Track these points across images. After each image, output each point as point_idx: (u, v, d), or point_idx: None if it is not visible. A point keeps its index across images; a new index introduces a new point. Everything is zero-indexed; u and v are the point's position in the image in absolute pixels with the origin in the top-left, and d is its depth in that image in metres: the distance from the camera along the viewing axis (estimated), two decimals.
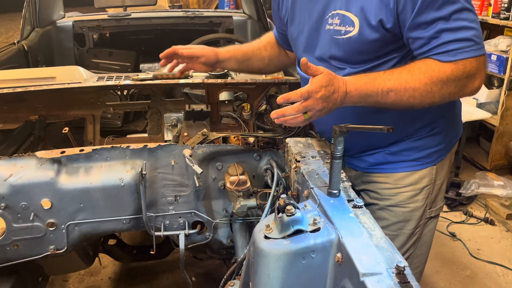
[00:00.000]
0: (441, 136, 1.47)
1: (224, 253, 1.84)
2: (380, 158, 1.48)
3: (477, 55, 1.20)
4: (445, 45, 1.19)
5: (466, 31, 1.18)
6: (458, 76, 1.20)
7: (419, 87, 1.21)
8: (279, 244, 1.02)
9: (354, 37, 1.29)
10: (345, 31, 1.30)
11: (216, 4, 7.57)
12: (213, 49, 1.69)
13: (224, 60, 1.71)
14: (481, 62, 1.22)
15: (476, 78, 1.23)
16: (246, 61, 1.75)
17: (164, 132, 2.07)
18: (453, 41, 1.18)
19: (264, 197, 1.56)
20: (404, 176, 1.48)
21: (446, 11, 1.17)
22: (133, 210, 1.58)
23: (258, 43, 1.81)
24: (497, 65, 3.47)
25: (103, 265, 2.73)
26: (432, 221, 1.56)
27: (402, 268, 0.89)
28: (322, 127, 1.56)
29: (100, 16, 3.72)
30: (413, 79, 1.21)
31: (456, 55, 1.19)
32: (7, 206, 1.49)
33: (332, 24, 1.34)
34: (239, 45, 1.81)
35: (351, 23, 1.28)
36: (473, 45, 1.19)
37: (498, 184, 3.46)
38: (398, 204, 1.50)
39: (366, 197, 1.57)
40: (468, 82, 1.23)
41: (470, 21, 1.19)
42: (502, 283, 2.68)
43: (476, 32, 1.20)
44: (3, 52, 2.86)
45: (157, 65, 3.92)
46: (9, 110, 1.96)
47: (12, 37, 9.13)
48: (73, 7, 4.74)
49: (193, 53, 1.67)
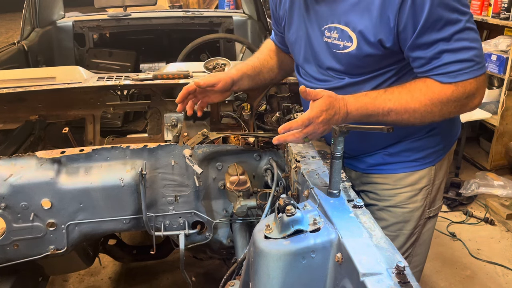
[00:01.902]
0: (440, 137, 1.47)
1: (224, 253, 1.84)
2: (379, 159, 1.48)
3: (477, 76, 1.20)
4: (446, 66, 1.19)
5: (467, 52, 1.18)
6: (459, 97, 1.21)
7: (419, 108, 1.22)
8: (279, 244, 1.02)
9: (352, 53, 1.28)
10: (343, 46, 1.30)
11: (216, 4, 7.58)
12: (225, 73, 1.61)
13: (238, 79, 1.61)
14: (481, 81, 1.22)
15: (476, 97, 1.24)
16: (257, 75, 1.68)
17: (164, 132, 2.07)
18: (454, 62, 1.19)
19: (264, 197, 1.56)
20: (403, 177, 1.48)
21: (448, 32, 1.16)
22: (133, 210, 1.58)
23: (262, 54, 1.74)
24: (497, 65, 3.47)
25: (103, 265, 2.73)
26: (431, 220, 1.57)
27: (402, 268, 0.89)
28: None
29: (100, 16, 3.72)
30: (413, 100, 1.22)
31: (457, 77, 1.19)
32: (7, 206, 1.49)
33: (330, 37, 1.33)
34: (245, 62, 1.72)
35: (349, 39, 1.28)
36: (473, 66, 1.19)
37: (498, 184, 3.45)
38: (397, 205, 1.50)
39: (365, 198, 1.57)
40: (468, 102, 1.24)
41: (471, 41, 1.19)
42: (502, 283, 2.68)
43: (477, 52, 1.20)
44: (3, 52, 2.86)
45: (157, 65, 3.92)
46: (9, 110, 1.96)
47: (12, 37, 9.13)
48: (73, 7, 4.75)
49: (209, 81, 1.53)
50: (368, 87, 1.33)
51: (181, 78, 1.92)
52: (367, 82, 1.34)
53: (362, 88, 1.33)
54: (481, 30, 4.06)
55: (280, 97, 1.97)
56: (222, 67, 2.01)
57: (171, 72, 1.96)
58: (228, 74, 1.58)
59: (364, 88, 1.33)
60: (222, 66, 2.01)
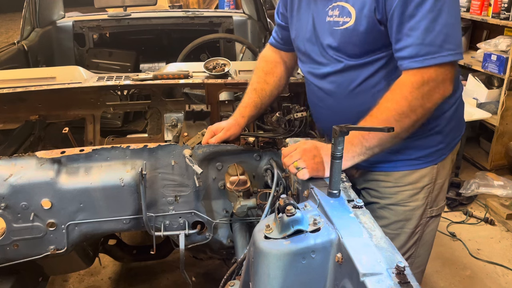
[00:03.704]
0: (442, 136, 1.48)
1: (224, 253, 1.84)
2: (381, 156, 1.48)
3: (439, 63, 1.23)
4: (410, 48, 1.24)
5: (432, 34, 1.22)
6: (418, 85, 1.24)
7: (397, 129, 1.23)
8: (279, 244, 1.02)
9: (350, 28, 1.33)
10: (342, 22, 1.35)
11: (216, 4, 7.58)
12: (234, 124, 1.63)
13: (246, 121, 1.67)
14: (445, 70, 1.25)
15: (440, 87, 1.26)
16: (260, 108, 1.70)
17: (164, 132, 2.08)
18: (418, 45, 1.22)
19: (264, 197, 1.56)
20: (405, 175, 1.49)
21: (421, 12, 1.20)
22: (133, 210, 1.58)
23: (259, 82, 1.71)
24: (497, 65, 3.47)
25: (103, 265, 2.73)
26: (433, 220, 1.57)
27: (402, 268, 0.89)
28: (323, 124, 1.60)
29: (100, 16, 3.72)
30: (382, 114, 1.26)
31: (424, 62, 1.22)
32: (7, 206, 1.49)
33: (332, 16, 1.38)
34: (245, 101, 1.70)
35: (348, 14, 1.33)
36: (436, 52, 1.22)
37: (498, 184, 3.45)
38: (398, 203, 1.51)
39: (367, 195, 1.58)
40: (429, 90, 1.25)
41: (443, 25, 1.21)
42: (502, 283, 2.68)
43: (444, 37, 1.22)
44: (3, 52, 2.86)
45: (157, 65, 3.93)
46: (9, 110, 1.96)
47: (12, 37, 9.12)
48: (73, 7, 4.75)
49: (221, 139, 1.60)
50: (365, 73, 1.38)
51: (181, 78, 1.92)
52: (363, 68, 1.38)
53: (358, 75, 1.38)
54: (481, 30, 4.06)
55: (280, 97, 1.97)
56: (222, 67, 2.01)
57: (171, 72, 1.96)
58: (235, 122, 1.64)
59: (361, 74, 1.38)
60: (222, 66, 2.02)
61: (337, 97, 1.47)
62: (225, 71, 1.98)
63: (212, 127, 1.63)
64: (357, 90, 1.42)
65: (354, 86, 1.41)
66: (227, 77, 1.97)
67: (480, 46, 3.73)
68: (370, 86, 1.39)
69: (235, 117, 1.66)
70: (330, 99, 1.49)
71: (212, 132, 1.62)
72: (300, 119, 1.74)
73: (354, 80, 1.41)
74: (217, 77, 1.96)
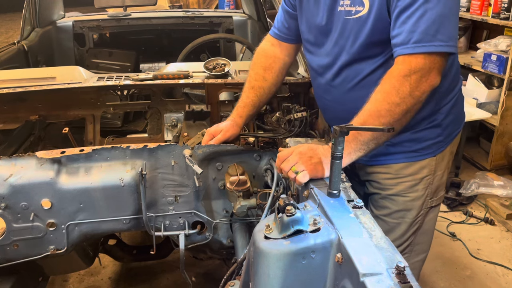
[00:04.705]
0: (441, 129, 1.51)
1: (224, 253, 1.84)
2: (382, 149, 1.50)
3: (426, 52, 1.24)
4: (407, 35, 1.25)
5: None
6: (405, 73, 1.24)
7: (389, 120, 1.25)
8: (279, 244, 1.02)
9: (363, 17, 1.33)
10: (355, 11, 1.35)
11: (216, 4, 7.58)
12: (232, 125, 1.63)
13: (244, 121, 1.67)
14: (433, 59, 1.25)
15: (427, 76, 1.26)
16: (258, 107, 1.70)
17: (164, 132, 2.08)
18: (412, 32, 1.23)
19: (264, 197, 1.56)
20: (404, 167, 1.52)
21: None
22: (133, 210, 1.58)
23: (257, 79, 1.70)
24: (497, 65, 3.47)
25: (103, 265, 2.73)
26: (433, 210, 1.61)
27: (402, 268, 0.89)
28: (328, 115, 1.64)
29: (100, 16, 3.72)
30: (379, 121, 1.26)
31: (415, 49, 1.23)
32: (7, 206, 1.49)
33: (343, 5, 1.38)
34: (243, 100, 1.69)
35: (360, 3, 1.33)
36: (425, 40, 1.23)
37: (498, 184, 3.45)
38: (399, 193, 1.55)
39: (369, 187, 1.62)
40: (417, 78, 1.25)
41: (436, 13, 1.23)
42: (502, 283, 2.68)
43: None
44: (3, 52, 2.86)
45: (157, 65, 3.92)
46: (9, 110, 1.96)
47: (12, 37, 9.12)
48: (73, 7, 4.75)
49: (220, 140, 1.60)
50: (370, 66, 1.41)
51: (181, 78, 1.92)
52: (369, 60, 1.40)
53: (364, 68, 1.41)
54: (481, 30, 4.06)
55: (280, 97, 1.97)
56: (222, 67, 2.01)
57: (171, 72, 1.96)
58: (235, 126, 1.64)
59: (367, 67, 1.40)
60: (222, 66, 2.02)
61: (342, 90, 1.49)
62: (225, 71, 1.98)
63: (211, 129, 1.63)
64: (362, 83, 1.44)
65: (359, 79, 1.44)
66: (227, 77, 1.97)
67: (480, 46, 3.73)
68: (375, 79, 1.39)
69: (233, 117, 1.66)
70: (335, 91, 1.51)
71: (211, 134, 1.61)
72: (300, 119, 1.74)
73: (360, 73, 1.43)
74: (217, 77, 1.96)
